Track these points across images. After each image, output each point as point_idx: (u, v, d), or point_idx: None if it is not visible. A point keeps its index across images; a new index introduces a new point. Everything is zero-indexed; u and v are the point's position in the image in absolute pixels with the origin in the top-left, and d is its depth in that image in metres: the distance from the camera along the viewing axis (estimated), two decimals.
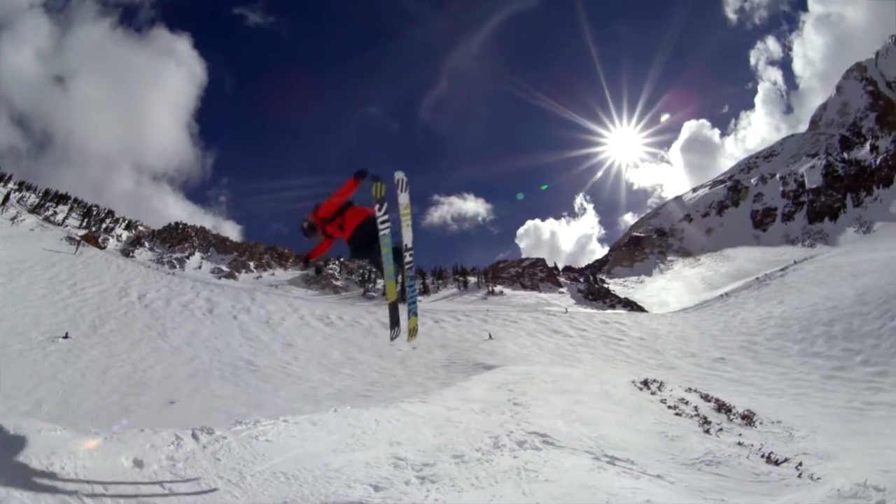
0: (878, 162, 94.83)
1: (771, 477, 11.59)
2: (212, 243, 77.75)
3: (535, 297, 68.92)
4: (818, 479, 11.56)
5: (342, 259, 77.15)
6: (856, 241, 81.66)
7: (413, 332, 7.54)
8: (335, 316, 41.52)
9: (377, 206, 6.03)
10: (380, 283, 68.64)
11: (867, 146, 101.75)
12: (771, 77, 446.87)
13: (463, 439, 10.25)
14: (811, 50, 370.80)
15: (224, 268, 69.88)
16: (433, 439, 10.13)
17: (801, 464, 12.85)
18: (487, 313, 45.62)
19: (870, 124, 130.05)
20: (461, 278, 72.23)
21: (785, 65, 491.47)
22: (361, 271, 72.35)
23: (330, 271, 71.91)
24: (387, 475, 7.19)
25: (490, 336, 35.56)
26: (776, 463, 12.94)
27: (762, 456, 13.30)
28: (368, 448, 8.77)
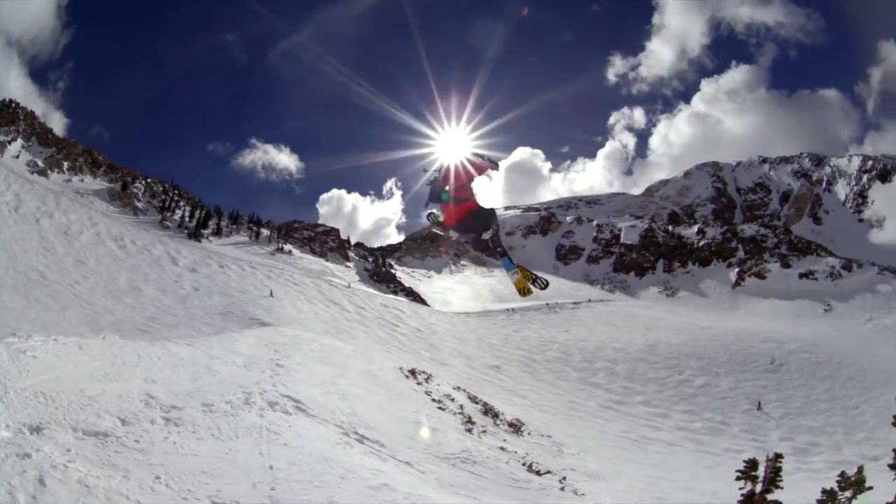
0: (700, 244, 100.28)
1: (531, 485, 12.37)
2: (36, 132, 68.01)
3: (321, 264, 67.94)
4: (583, 494, 12.75)
5: (149, 179, 71.50)
6: (657, 300, 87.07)
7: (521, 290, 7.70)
8: (129, 239, 39.65)
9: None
10: (178, 212, 64.99)
11: (695, 228, 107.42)
12: (623, 140, 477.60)
13: (216, 389, 10.22)
14: (675, 134, 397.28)
15: (40, 163, 61.54)
16: (188, 384, 10.18)
17: (565, 478, 13.77)
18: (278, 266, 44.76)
19: (705, 213, 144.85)
20: (255, 228, 70.11)
21: (642, 136, 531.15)
22: (164, 197, 67.42)
23: (135, 190, 66.29)
24: (136, 411, 7.37)
25: (272, 293, 34.80)
26: (538, 473, 13.66)
27: (524, 464, 14.09)
28: (125, 381, 8.84)
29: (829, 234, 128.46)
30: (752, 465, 4.46)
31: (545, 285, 7.06)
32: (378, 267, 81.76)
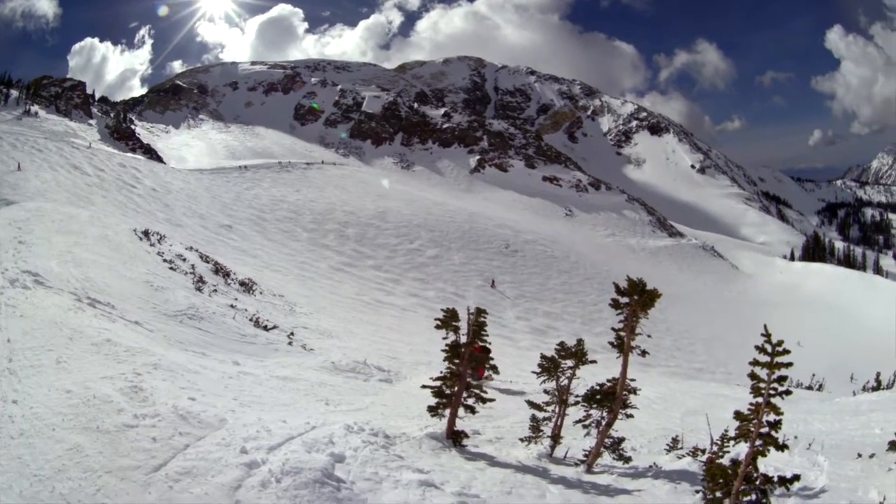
0: (444, 126, 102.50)
1: (258, 340, 13.21)
2: None
3: (65, 124, 59.37)
4: (312, 349, 13.67)
5: None
6: (391, 170, 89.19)
7: None
8: None
9: None
10: None
11: (441, 111, 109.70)
12: (390, 17, 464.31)
13: None
14: (446, 24, 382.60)
15: None
16: None
17: (293, 333, 14.79)
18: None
19: (456, 100, 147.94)
20: (4, 90, 59.24)
21: (411, 17, 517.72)
22: None
23: None
24: None
25: (19, 167, 31.32)
26: (265, 328, 14.52)
27: (251, 319, 14.86)
28: None
29: (583, 153, 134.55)
30: (451, 314, 4.83)
31: None
32: (119, 123, 74.25)
